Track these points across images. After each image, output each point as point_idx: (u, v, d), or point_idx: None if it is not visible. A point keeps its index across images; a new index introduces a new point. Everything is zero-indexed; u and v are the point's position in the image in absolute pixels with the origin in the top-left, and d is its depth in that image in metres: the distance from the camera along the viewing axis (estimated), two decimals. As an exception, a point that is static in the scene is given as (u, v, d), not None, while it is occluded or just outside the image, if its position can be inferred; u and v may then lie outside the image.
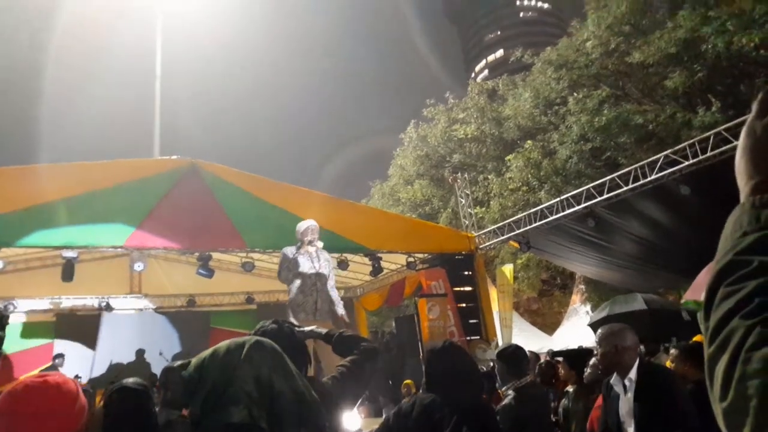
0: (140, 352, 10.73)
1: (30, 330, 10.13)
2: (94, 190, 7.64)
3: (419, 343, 9.55)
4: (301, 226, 5.65)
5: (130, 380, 2.23)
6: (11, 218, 6.92)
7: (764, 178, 0.58)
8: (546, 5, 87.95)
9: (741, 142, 0.63)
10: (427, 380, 2.56)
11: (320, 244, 5.66)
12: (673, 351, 4.60)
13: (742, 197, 0.60)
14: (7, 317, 7.09)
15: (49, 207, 7.26)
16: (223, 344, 1.36)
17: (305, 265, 5.42)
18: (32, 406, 1.49)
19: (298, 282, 5.39)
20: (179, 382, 1.42)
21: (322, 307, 5.35)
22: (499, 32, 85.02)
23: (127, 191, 7.89)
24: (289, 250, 5.53)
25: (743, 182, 0.61)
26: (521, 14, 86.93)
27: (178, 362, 1.38)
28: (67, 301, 10.62)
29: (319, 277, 5.43)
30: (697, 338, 5.48)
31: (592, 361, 4.03)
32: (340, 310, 5.55)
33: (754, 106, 0.63)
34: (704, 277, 6.57)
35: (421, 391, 2.74)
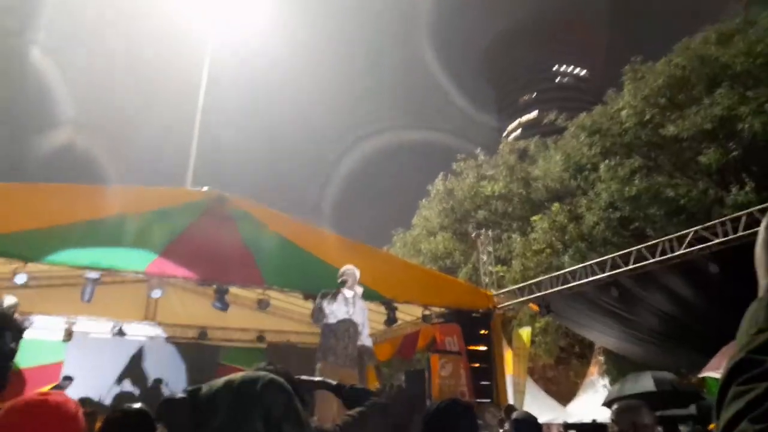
0: (157, 382, 10.64)
1: (42, 347, 10.16)
2: (124, 214, 7.79)
3: (428, 400, 9.28)
4: (341, 269, 5.71)
5: (134, 405, 2.21)
6: (42, 234, 7.07)
7: None
8: (583, 72, 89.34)
9: (761, 235, 0.63)
10: None
11: (360, 290, 5.68)
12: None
13: (761, 291, 0.59)
14: (23, 330, 7.15)
15: (79, 226, 7.40)
16: (237, 377, 1.32)
17: (340, 310, 5.46)
18: (31, 424, 1.50)
19: (332, 326, 5.39)
20: (184, 413, 1.38)
21: (351, 353, 5.38)
22: (534, 94, 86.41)
23: (155, 218, 8.02)
24: (327, 293, 5.55)
25: (762, 275, 0.61)
26: (557, 79, 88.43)
27: (188, 388, 1.34)
28: (81, 322, 10.68)
29: (352, 324, 5.46)
30: (713, 426, 5.23)
31: None
32: (374, 360, 5.58)
33: None
34: (721, 358, 6.31)
35: None
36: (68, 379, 9.37)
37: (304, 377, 1.96)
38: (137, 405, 2.23)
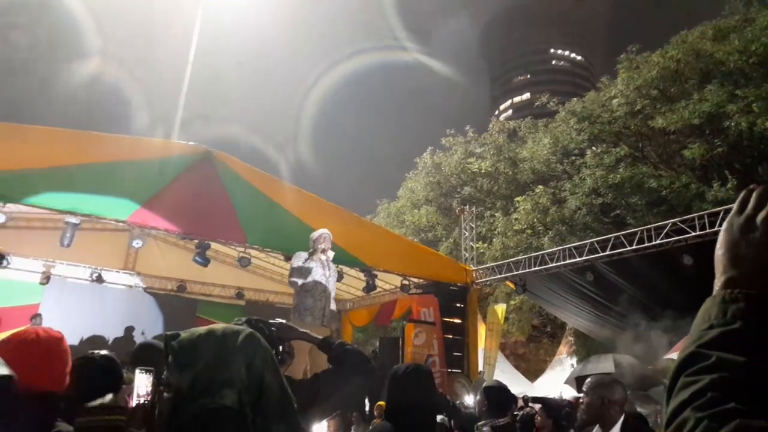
0: (129, 329, 10.66)
1: (18, 288, 10.11)
2: (109, 162, 7.69)
3: (400, 367, 9.47)
4: (315, 233, 5.75)
5: (101, 352, 2.18)
6: (25, 175, 6.97)
7: (736, 273, 0.63)
8: (579, 57, 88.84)
9: (720, 236, 0.67)
10: (387, 405, 2.42)
11: (331, 254, 5.74)
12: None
13: (715, 290, 0.64)
14: (3, 257, 7.05)
15: (62, 170, 7.30)
16: (218, 327, 1.33)
17: (317, 272, 5.51)
18: (30, 358, 1.54)
19: (309, 287, 5.46)
20: (161, 356, 1.40)
21: (329, 314, 5.48)
22: (528, 75, 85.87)
23: (140, 168, 7.95)
24: (303, 255, 5.60)
25: (718, 274, 0.65)
26: (553, 62, 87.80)
27: (167, 332, 1.35)
28: (60, 267, 10.60)
29: (329, 285, 5.57)
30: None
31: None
32: (334, 323, 5.69)
33: (735, 204, 0.68)
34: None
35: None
36: (38, 316, 9.35)
37: (287, 323, 1.87)
38: (104, 351, 2.19)
